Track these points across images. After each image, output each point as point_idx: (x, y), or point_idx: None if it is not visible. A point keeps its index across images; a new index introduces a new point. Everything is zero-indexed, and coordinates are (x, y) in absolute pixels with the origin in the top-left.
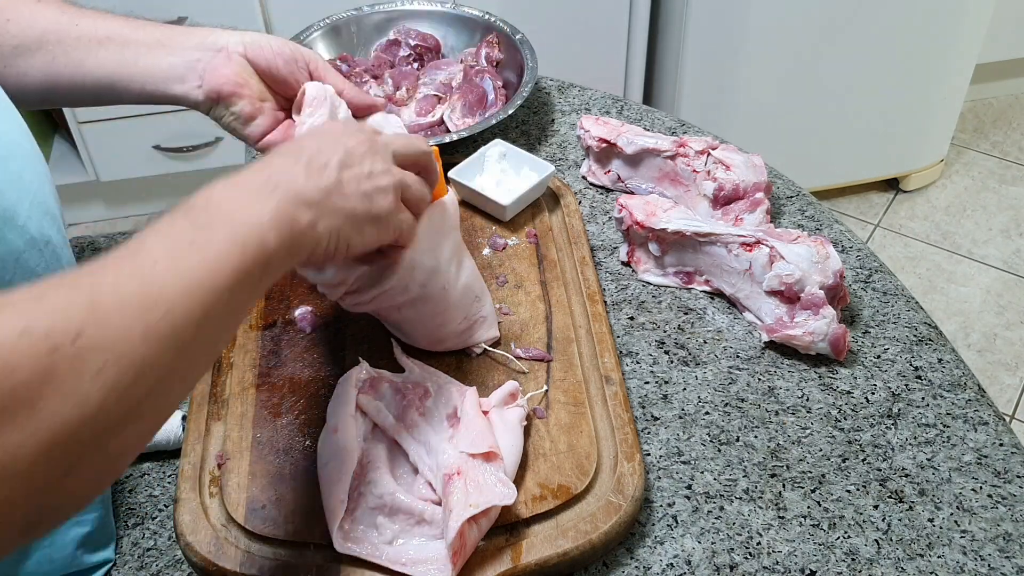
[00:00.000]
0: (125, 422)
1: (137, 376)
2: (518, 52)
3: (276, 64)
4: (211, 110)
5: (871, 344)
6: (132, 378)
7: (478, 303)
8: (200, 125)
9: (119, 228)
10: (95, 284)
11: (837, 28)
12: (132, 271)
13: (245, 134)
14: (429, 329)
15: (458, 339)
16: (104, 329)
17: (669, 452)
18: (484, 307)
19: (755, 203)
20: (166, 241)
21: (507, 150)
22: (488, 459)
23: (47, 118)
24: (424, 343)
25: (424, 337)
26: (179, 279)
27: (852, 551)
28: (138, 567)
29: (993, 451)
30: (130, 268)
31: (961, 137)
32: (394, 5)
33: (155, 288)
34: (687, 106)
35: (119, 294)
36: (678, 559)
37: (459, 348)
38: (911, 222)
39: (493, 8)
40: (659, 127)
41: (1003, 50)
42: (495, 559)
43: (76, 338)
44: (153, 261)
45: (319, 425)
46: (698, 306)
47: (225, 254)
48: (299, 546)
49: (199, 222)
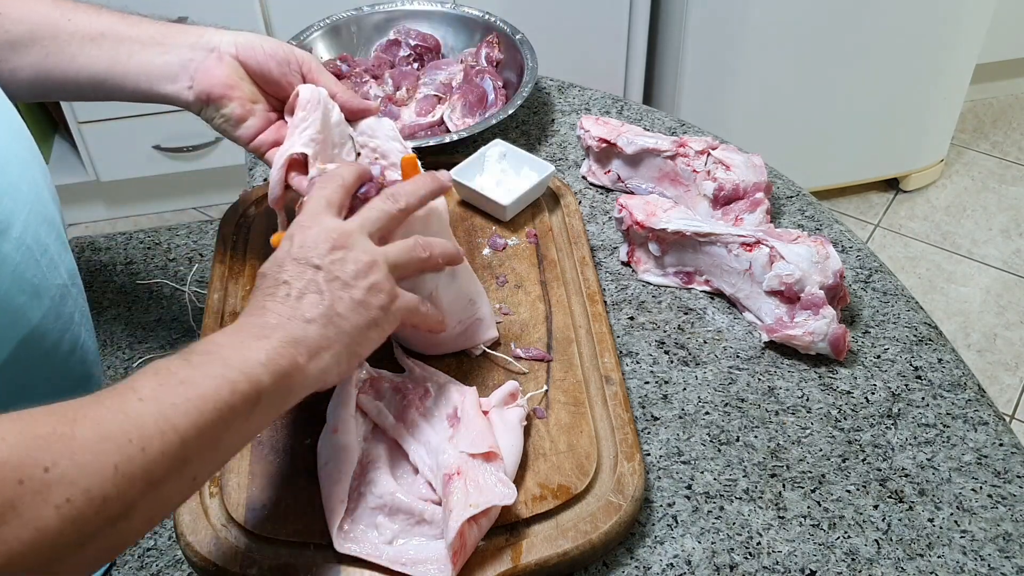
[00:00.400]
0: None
1: (100, 508)
2: (518, 52)
3: (268, 66)
4: (202, 111)
5: (871, 344)
6: (95, 510)
7: (473, 306)
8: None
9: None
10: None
11: (837, 28)
12: (118, 406)
13: (236, 136)
14: (424, 335)
15: (455, 343)
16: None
17: (669, 452)
18: (480, 309)
19: (755, 203)
20: (158, 377)
21: (507, 150)
22: (488, 459)
23: (47, 118)
24: (421, 347)
25: (421, 342)
26: (159, 415)
27: (852, 551)
28: (138, 567)
29: (993, 451)
30: (116, 403)
31: (961, 137)
32: (394, 5)
33: (134, 424)
34: (687, 106)
35: (98, 428)
36: (678, 559)
37: (458, 351)
38: (911, 222)
39: (493, 8)
40: (659, 127)
41: (1003, 50)
42: (495, 559)
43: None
44: (139, 398)
45: (319, 425)
46: (698, 306)
47: (212, 392)
48: (299, 546)
49: (194, 362)
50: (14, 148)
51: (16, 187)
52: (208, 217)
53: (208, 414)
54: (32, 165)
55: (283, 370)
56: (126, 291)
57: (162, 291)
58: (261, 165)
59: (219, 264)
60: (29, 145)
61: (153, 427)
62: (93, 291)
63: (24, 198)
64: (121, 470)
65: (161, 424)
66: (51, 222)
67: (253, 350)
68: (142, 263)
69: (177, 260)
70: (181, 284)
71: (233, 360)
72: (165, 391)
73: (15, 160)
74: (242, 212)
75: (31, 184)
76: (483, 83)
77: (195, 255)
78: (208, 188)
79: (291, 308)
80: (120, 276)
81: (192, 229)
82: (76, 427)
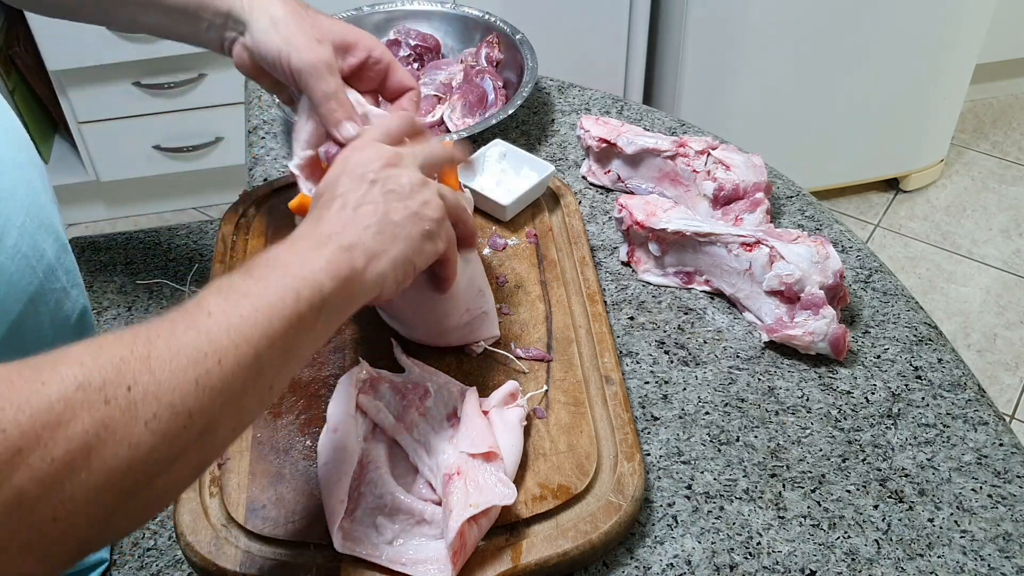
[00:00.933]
0: (173, 463)
1: (188, 423)
2: (518, 52)
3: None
4: None
5: (871, 344)
6: (182, 425)
7: (481, 296)
8: (200, 125)
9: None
10: (152, 337)
11: (837, 28)
12: (188, 323)
13: None
14: (431, 321)
15: (460, 333)
16: (157, 380)
17: (669, 452)
18: (487, 302)
19: (755, 203)
20: (221, 294)
21: (507, 150)
22: (488, 459)
23: (47, 118)
24: (425, 336)
25: (426, 330)
26: (231, 328)
27: (852, 551)
28: (138, 567)
29: (993, 451)
30: (186, 321)
31: (961, 137)
32: (394, 5)
33: (207, 338)
34: (687, 106)
35: (172, 346)
36: (678, 559)
37: (460, 344)
38: (911, 222)
39: (493, 8)
40: (659, 127)
41: (1003, 50)
42: (495, 559)
43: (130, 389)
44: (207, 313)
45: (319, 425)
46: (698, 306)
47: (278, 302)
48: (299, 546)
49: (255, 275)
50: (10, 152)
51: (12, 193)
52: (208, 217)
53: (277, 323)
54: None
55: (343, 275)
56: (126, 291)
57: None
58: (261, 165)
59: (219, 264)
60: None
61: (226, 340)
62: (93, 291)
63: (20, 203)
64: (201, 384)
65: (234, 336)
66: (48, 227)
67: (312, 259)
68: (142, 263)
69: (177, 260)
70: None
71: (293, 269)
72: (232, 305)
73: (11, 164)
74: (242, 212)
75: (28, 188)
76: (483, 83)
77: (195, 255)
78: (208, 188)
79: (347, 217)
80: (120, 276)
81: (192, 229)
82: (152, 347)
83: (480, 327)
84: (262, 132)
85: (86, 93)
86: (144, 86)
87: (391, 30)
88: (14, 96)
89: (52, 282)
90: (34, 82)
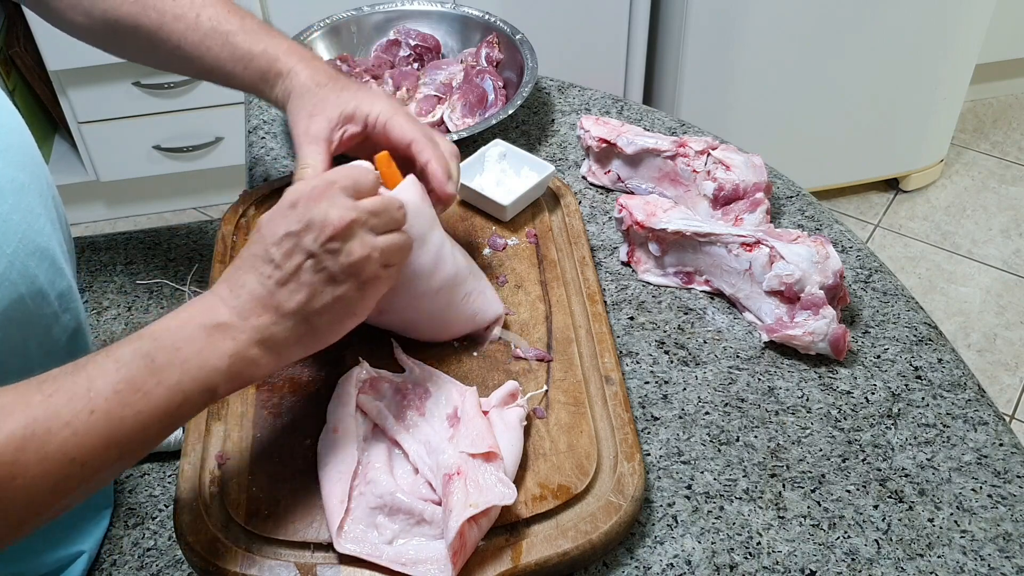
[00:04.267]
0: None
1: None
2: (518, 52)
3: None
4: None
5: (871, 344)
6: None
7: (474, 277)
8: (200, 125)
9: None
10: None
11: (837, 28)
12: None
13: None
14: (435, 317)
15: (465, 321)
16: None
17: (669, 452)
18: (481, 279)
19: (755, 203)
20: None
21: (507, 150)
22: (488, 459)
23: (47, 118)
24: (431, 334)
25: (431, 327)
26: (108, 435)
27: (852, 551)
28: (138, 567)
29: (993, 451)
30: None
31: (961, 137)
32: (394, 5)
33: (80, 442)
34: (687, 106)
35: (44, 449)
36: (678, 559)
37: (469, 332)
38: (911, 222)
39: (493, 8)
40: (659, 127)
41: (1003, 50)
42: (495, 559)
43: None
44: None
45: (319, 425)
46: (698, 306)
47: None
48: (299, 546)
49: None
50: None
51: (5, 220)
52: (208, 217)
53: (154, 425)
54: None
55: (243, 375)
56: (126, 291)
57: (162, 291)
58: (261, 165)
59: (219, 264)
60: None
61: (99, 444)
62: (93, 291)
63: (14, 231)
64: (58, 488)
65: (107, 440)
66: (43, 252)
67: (216, 350)
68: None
69: (177, 260)
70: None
71: (192, 365)
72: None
73: (10, 188)
74: (242, 212)
75: (25, 214)
76: (483, 83)
77: (195, 255)
78: (208, 188)
79: (268, 294)
80: (120, 276)
81: (192, 229)
82: (26, 445)
83: (484, 307)
84: (262, 132)
85: (86, 93)
86: (144, 86)
87: (391, 30)
88: (14, 96)
89: (41, 308)
90: (34, 82)
